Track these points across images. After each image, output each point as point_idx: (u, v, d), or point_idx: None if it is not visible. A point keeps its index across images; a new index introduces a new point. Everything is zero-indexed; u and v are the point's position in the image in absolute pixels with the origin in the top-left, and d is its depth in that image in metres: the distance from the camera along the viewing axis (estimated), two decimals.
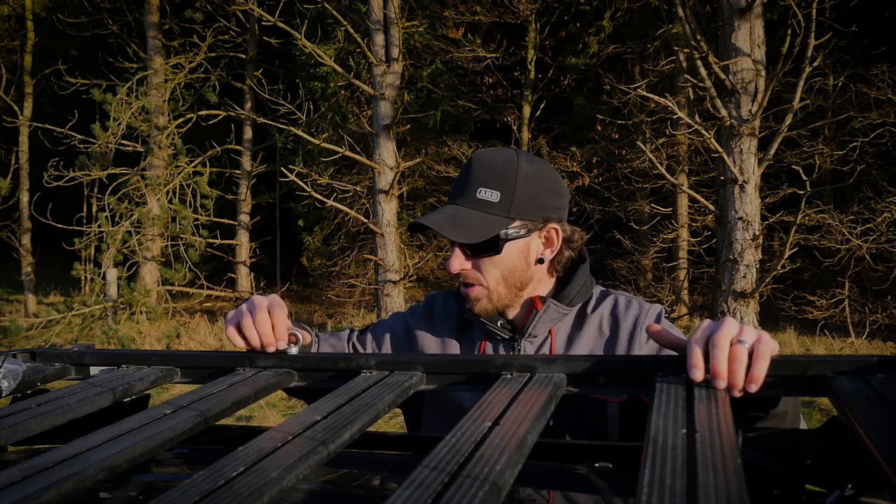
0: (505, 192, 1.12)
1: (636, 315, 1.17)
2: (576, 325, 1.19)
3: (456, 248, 1.13)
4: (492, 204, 1.12)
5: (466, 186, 1.13)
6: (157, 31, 12.58)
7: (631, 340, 1.15)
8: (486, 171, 1.14)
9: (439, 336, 1.25)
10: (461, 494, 0.46)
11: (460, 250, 1.13)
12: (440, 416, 1.23)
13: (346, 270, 11.38)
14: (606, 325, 1.18)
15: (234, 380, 0.90)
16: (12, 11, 14.97)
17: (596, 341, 1.17)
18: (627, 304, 1.19)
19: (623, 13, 10.55)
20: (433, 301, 1.31)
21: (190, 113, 11.68)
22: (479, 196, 1.12)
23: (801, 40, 7.20)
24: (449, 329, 1.25)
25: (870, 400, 0.64)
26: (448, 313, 1.27)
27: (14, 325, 9.35)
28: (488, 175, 1.13)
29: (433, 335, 1.25)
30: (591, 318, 1.19)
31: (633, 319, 1.16)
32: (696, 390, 0.70)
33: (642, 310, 1.17)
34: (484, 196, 1.12)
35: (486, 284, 1.14)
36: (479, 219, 1.11)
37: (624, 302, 1.20)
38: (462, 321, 1.25)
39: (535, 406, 0.68)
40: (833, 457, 0.70)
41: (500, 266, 1.14)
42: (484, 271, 1.14)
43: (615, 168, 10.56)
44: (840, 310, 8.01)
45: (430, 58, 11.48)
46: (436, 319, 1.27)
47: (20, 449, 0.99)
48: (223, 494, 0.49)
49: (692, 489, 0.45)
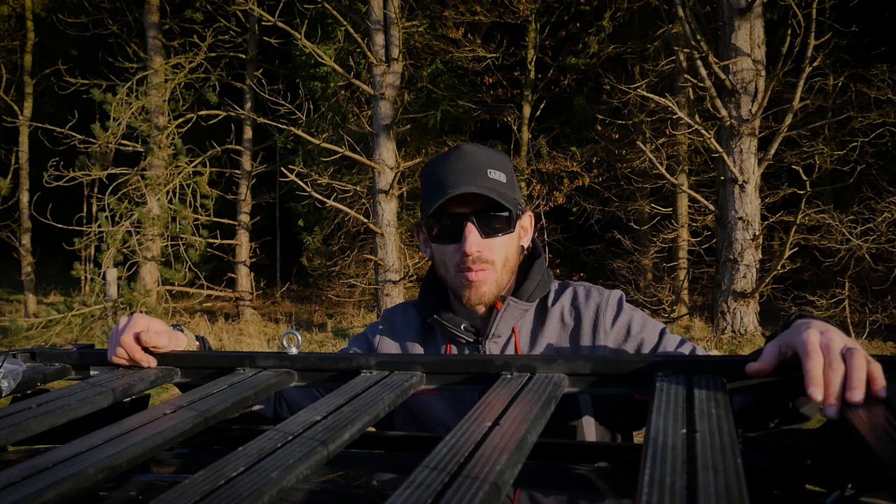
0: (508, 175, 1.15)
1: (597, 303, 1.17)
2: (538, 320, 1.19)
3: (472, 229, 1.11)
4: (502, 184, 1.13)
5: (475, 170, 1.12)
6: (157, 31, 12.57)
7: (595, 329, 1.15)
8: (486, 156, 1.15)
9: (403, 346, 1.24)
10: (461, 494, 0.46)
11: (476, 230, 1.11)
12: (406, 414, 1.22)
13: (346, 270, 11.38)
14: (569, 317, 1.18)
15: (234, 380, 0.90)
16: (12, 11, 14.97)
17: (560, 334, 1.17)
18: (587, 294, 1.19)
19: (623, 13, 10.55)
20: (392, 314, 1.30)
21: (190, 113, 11.67)
22: (491, 176, 1.12)
23: (801, 40, 7.20)
24: (412, 337, 1.24)
25: (870, 400, 0.64)
26: (409, 323, 1.26)
27: (14, 325, 9.35)
28: (489, 158, 1.15)
29: (398, 345, 1.25)
30: (552, 311, 1.19)
31: (595, 307, 1.16)
32: (696, 390, 0.70)
33: (602, 296, 1.18)
34: (494, 176, 1.13)
35: (495, 266, 1.14)
36: (501, 195, 1.11)
37: (583, 292, 1.20)
38: (424, 328, 1.24)
39: (535, 406, 0.68)
40: (833, 457, 0.70)
41: (507, 247, 1.15)
42: (495, 252, 1.13)
43: (615, 168, 10.55)
44: (840, 310, 8.01)
45: (430, 58, 11.48)
46: (398, 330, 1.26)
47: (20, 449, 0.99)
48: (223, 494, 0.49)
49: (692, 489, 0.45)
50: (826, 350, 0.69)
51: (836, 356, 0.68)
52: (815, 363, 0.68)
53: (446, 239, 1.14)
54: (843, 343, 0.70)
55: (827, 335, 0.71)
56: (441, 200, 1.08)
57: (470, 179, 1.10)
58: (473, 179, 1.10)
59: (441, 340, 1.21)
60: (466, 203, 1.11)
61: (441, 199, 1.08)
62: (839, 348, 0.69)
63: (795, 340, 0.72)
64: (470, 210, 1.11)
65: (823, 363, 0.68)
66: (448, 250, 1.14)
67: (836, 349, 0.69)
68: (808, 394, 0.66)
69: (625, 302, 1.19)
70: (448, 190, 1.09)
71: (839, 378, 0.66)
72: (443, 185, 1.11)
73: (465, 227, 1.10)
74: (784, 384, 0.75)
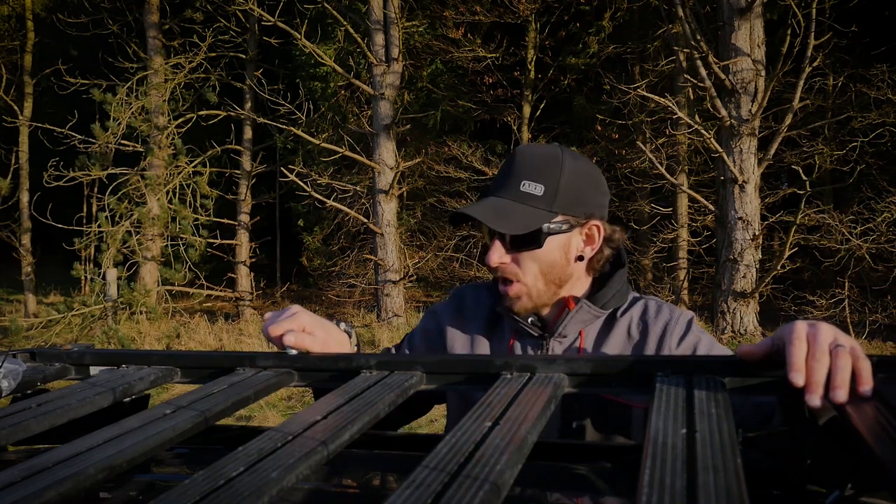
0: (549, 186, 1.11)
1: (666, 321, 1.15)
2: (605, 327, 1.18)
3: (496, 241, 1.11)
4: (535, 197, 1.11)
5: (510, 179, 1.12)
6: (157, 31, 12.58)
7: (660, 346, 1.14)
8: (531, 164, 1.13)
9: (469, 333, 1.24)
10: (461, 494, 0.46)
11: (500, 243, 1.11)
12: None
13: (346, 270, 11.38)
14: (636, 330, 1.16)
15: (234, 380, 0.90)
16: (12, 11, 14.96)
17: (624, 345, 1.16)
18: (658, 310, 1.17)
19: (623, 13, 10.55)
20: (463, 294, 1.29)
21: (190, 113, 11.67)
22: (522, 189, 1.11)
23: (801, 40, 7.20)
24: (479, 324, 1.23)
25: (870, 400, 0.64)
26: (479, 307, 1.25)
27: (14, 325, 9.35)
28: (532, 168, 1.12)
29: (463, 332, 1.24)
30: (621, 321, 1.18)
31: (664, 325, 1.15)
32: (695, 390, 0.70)
33: (672, 315, 1.16)
34: (528, 189, 1.11)
35: (524, 280, 1.13)
36: (523, 211, 1.10)
37: (654, 307, 1.18)
38: (493, 316, 1.23)
39: (535, 406, 0.68)
40: (833, 457, 0.70)
41: (539, 261, 1.13)
42: (523, 266, 1.13)
43: (615, 168, 10.55)
44: (840, 310, 8.01)
45: (430, 58, 11.48)
46: (466, 314, 1.26)
47: (20, 449, 0.99)
48: (223, 494, 0.49)
49: (692, 489, 0.45)
50: (812, 340, 0.69)
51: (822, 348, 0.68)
52: (798, 350, 0.68)
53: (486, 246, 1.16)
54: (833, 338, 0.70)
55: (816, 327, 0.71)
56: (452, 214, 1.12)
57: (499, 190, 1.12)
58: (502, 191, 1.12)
59: (507, 331, 1.21)
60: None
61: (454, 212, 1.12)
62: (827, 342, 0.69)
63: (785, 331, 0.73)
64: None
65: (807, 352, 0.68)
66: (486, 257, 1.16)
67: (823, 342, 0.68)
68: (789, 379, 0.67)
69: (694, 324, 1.17)
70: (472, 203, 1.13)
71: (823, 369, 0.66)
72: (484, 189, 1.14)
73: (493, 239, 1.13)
74: (784, 383, 0.75)
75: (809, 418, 0.71)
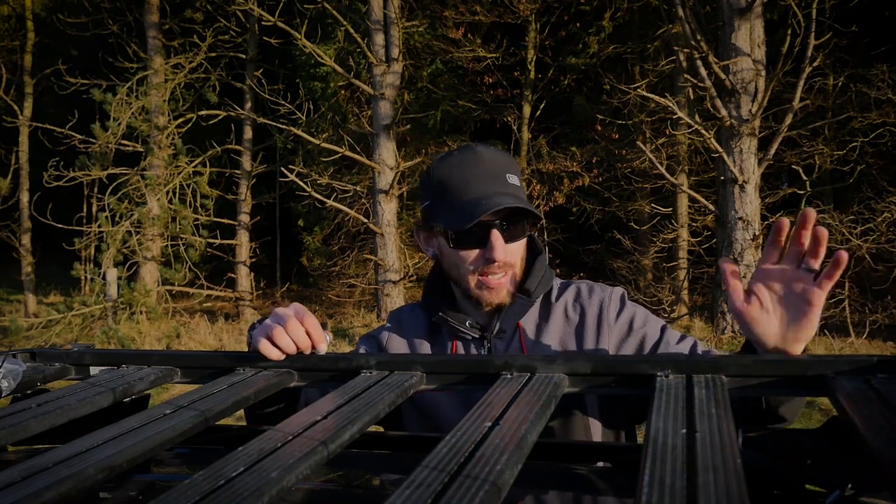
0: (520, 177, 1.16)
1: (601, 298, 1.19)
2: (542, 316, 1.20)
3: (498, 236, 1.11)
4: (519, 188, 1.15)
5: (496, 176, 1.13)
6: (157, 31, 12.58)
7: (599, 324, 1.16)
8: (501, 159, 1.15)
9: (411, 347, 1.25)
10: (461, 494, 0.46)
11: (501, 235, 1.11)
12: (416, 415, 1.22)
13: (346, 270, 11.38)
14: (573, 312, 1.19)
15: (234, 380, 0.90)
16: (12, 11, 14.97)
17: (564, 330, 1.18)
18: (591, 290, 1.21)
19: (623, 13, 10.55)
20: (399, 314, 1.31)
21: (190, 113, 11.67)
22: (510, 181, 1.13)
23: (801, 40, 7.20)
24: (419, 336, 1.25)
25: (870, 400, 0.64)
26: (416, 323, 1.27)
27: (14, 325, 9.35)
28: (504, 162, 1.15)
29: (406, 343, 1.26)
30: (556, 307, 1.20)
31: (599, 303, 1.18)
32: (695, 390, 0.70)
33: (605, 293, 1.20)
34: (513, 181, 1.14)
35: (516, 269, 1.16)
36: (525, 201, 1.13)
37: (586, 288, 1.22)
38: (430, 327, 1.25)
39: (535, 406, 0.68)
40: (833, 457, 0.70)
41: (521, 250, 1.17)
42: (516, 255, 1.15)
43: (615, 168, 10.55)
44: (840, 310, 8.01)
45: (430, 58, 11.48)
46: (406, 330, 1.27)
47: (20, 449, 0.99)
48: (223, 494, 0.49)
49: (692, 489, 0.45)
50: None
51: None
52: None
53: (469, 244, 1.13)
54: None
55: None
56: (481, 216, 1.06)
57: (495, 186, 1.11)
58: (498, 186, 1.11)
59: (447, 338, 1.22)
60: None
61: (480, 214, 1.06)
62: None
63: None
64: (496, 217, 1.10)
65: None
66: (470, 255, 1.14)
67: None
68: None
69: (627, 298, 1.21)
70: (482, 201, 1.08)
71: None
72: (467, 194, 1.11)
73: (490, 235, 1.11)
74: (784, 383, 0.75)
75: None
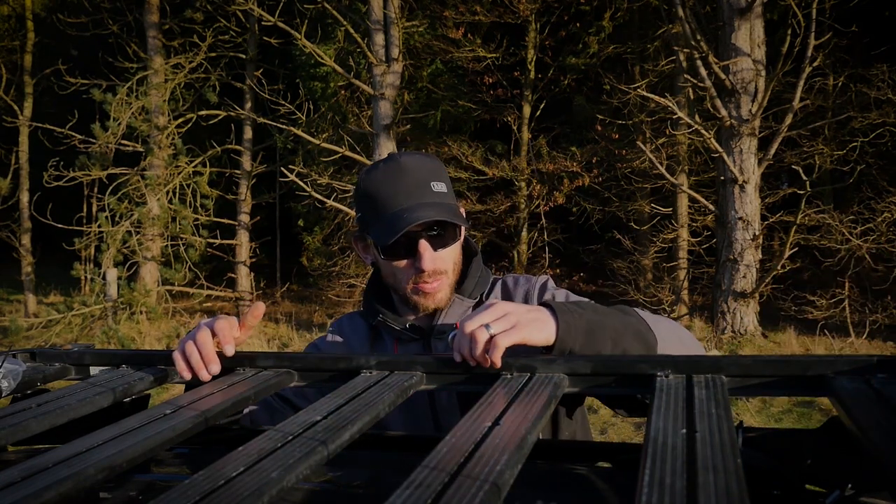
0: (447, 182, 1.18)
1: (526, 289, 1.22)
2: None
3: (426, 246, 1.12)
4: (445, 194, 1.16)
5: (420, 186, 1.13)
6: (157, 31, 12.57)
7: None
8: (426, 167, 1.16)
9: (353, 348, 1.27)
10: (461, 494, 0.46)
11: (429, 245, 1.12)
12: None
13: (346, 270, 11.37)
14: None
15: (234, 380, 0.90)
16: (12, 11, 14.97)
17: None
18: (515, 282, 1.24)
19: (623, 13, 10.54)
20: (340, 323, 1.33)
21: (190, 113, 11.67)
22: (435, 189, 1.14)
23: (801, 40, 7.20)
24: (361, 342, 1.27)
25: (870, 400, 0.64)
26: (357, 329, 1.29)
27: (14, 325, 9.35)
28: (429, 169, 1.16)
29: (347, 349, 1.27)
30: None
31: (525, 293, 1.21)
32: (695, 390, 0.70)
33: (530, 282, 1.23)
34: (438, 189, 1.15)
35: (448, 273, 1.17)
36: (449, 208, 1.14)
37: (512, 280, 1.25)
38: (371, 332, 1.27)
39: (535, 406, 0.68)
40: (833, 457, 0.70)
41: (454, 253, 1.19)
42: (447, 261, 1.17)
43: (615, 168, 10.54)
44: (840, 310, 8.01)
45: (430, 58, 11.48)
46: (347, 336, 1.29)
47: (20, 449, 0.99)
48: (223, 494, 0.49)
49: (692, 489, 0.45)
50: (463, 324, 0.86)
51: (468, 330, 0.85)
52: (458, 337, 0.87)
53: (398, 255, 1.14)
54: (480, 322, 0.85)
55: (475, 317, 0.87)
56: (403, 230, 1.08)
57: (419, 197, 1.12)
58: (421, 196, 1.12)
59: (389, 341, 1.24)
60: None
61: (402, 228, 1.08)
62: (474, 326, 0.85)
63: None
64: (421, 227, 1.11)
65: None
66: (400, 266, 1.15)
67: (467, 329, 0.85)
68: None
69: (551, 283, 1.24)
70: (404, 215, 1.09)
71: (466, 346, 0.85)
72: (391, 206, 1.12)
73: (418, 245, 1.12)
74: (784, 383, 0.75)
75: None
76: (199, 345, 0.94)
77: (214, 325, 0.97)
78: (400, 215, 1.10)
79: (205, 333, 0.96)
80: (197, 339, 0.95)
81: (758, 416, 5.29)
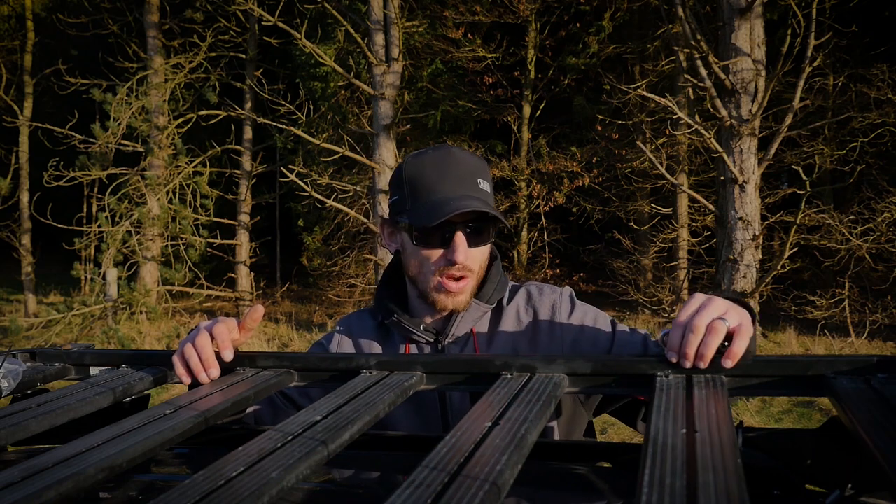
0: (491, 183, 1.19)
1: (553, 300, 1.21)
2: (493, 320, 1.21)
3: (462, 238, 1.12)
4: (489, 194, 1.17)
5: (467, 179, 1.14)
6: (157, 31, 12.57)
7: (552, 324, 1.18)
8: (474, 164, 1.17)
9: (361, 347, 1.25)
10: (461, 494, 0.46)
11: (465, 238, 1.12)
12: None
13: (346, 270, 11.37)
14: (525, 315, 1.21)
15: (234, 380, 0.90)
16: (12, 11, 14.97)
17: (518, 333, 1.19)
18: (541, 291, 1.23)
19: (623, 13, 10.54)
20: (348, 320, 1.31)
21: (190, 113, 11.67)
22: (480, 186, 1.15)
23: (801, 40, 7.19)
24: (370, 341, 1.25)
25: (870, 400, 0.64)
26: (365, 328, 1.27)
27: (14, 325, 9.34)
28: (477, 167, 1.17)
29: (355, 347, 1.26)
30: (508, 311, 1.21)
31: (551, 305, 1.20)
32: (695, 390, 0.70)
33: (556, 293, 1.22)
34: (483, 186, 1.15)
35: (475, 274, 1.16)
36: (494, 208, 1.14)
37: (536, 290, 1.24)
38: (380, 331, 1.26)
39: (535, 406, 0.68)
40: (833, 457, 0.70)
41: (483, 255, 1.18)
42: (477, 261, 1.16)
43: (615, 168, 10.54)
44: (840, 310, 8.00)
45: (430, 58, 11.48)
46: (356, 334, 1.28)
47: (20, 449, 0.99)
48: (223, 494, 0.49)
49: (692, 489, 0.45)
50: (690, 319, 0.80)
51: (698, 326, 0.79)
52: (676, 335, 0.81)
53: (432, 243, 1.13)
54: (711, 316, 0.80)
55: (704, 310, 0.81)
56: (449, 215, 1.07)
57: (467, 189, 1.12)
58: (469, 189, 1.12)
59: (399, 341, 1.22)
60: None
61: (448, 213, 1.07)
62: (703, 322, 0.79)
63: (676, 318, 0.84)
64: (465, 218, 1.11)
65: (685, 331, 0.80)
66: (431, 254, 1.14)
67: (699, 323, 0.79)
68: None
69: (576, 298, 1.24)
70: (451, 201, 1.09)
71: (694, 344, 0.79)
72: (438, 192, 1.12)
73: (454, 236, 1.11)
74: (784, 383, 0.75)
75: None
76: (197, 349, 0.95)
77: (213, 328, 0.98)
78: (447, 201, 1.09)
79: (203, 337, 0.96)
80: (196, 343, 0.95)
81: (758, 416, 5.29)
